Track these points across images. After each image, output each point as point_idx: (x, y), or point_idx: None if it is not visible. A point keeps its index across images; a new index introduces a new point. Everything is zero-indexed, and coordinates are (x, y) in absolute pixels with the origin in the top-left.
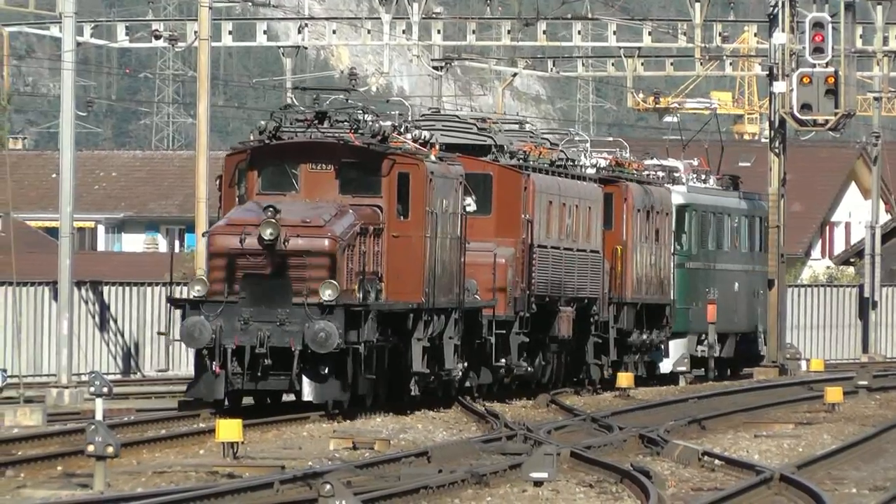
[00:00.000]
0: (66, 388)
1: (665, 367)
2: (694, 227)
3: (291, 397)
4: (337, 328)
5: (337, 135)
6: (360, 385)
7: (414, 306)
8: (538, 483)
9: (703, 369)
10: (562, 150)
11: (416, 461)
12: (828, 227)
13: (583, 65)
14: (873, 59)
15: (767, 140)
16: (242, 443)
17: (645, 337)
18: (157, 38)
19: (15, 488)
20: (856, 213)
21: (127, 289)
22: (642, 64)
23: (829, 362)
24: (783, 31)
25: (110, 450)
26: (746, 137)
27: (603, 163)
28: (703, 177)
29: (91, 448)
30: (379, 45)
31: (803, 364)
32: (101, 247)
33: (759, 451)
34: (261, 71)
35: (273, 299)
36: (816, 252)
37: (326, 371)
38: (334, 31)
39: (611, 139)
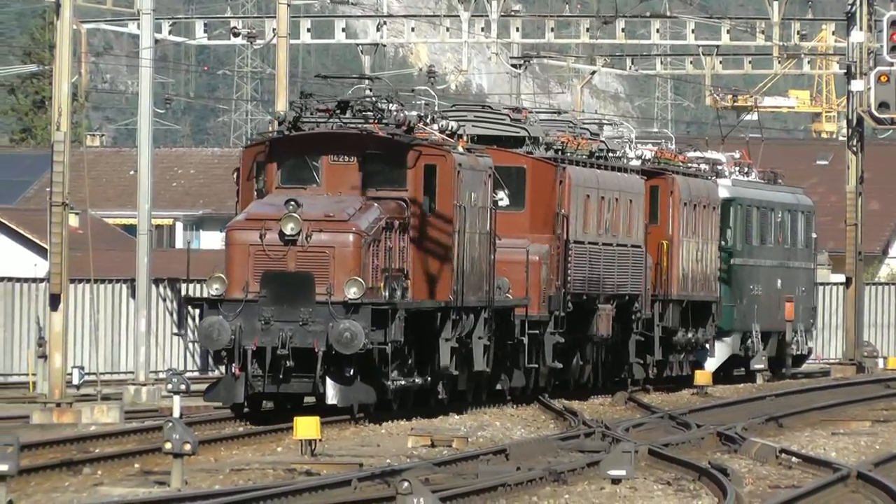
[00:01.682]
0: (144, 385)
1: (710, 366)
2: (739, 221)
3: (313, 400)
4: (363, 328)
5: (360, 125)
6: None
7: (442, 305)
8: (616, 481)
9: (742, 369)
10: (602, 141)
11: (495, 459)
12: None
13: (661, 63)
14: None
15: (845, 138)
16: (320, 440)
17: (690, 336)
18: (236, 35)
19: (92, 486)
20: None
21: (205, 286)
22: (720, 62)
23: None
24: (861, 29)
25: (188, 447)
26: (824, 135)
27: (648, 154)
28: (746, 170)
29: (168, 445)
30: (458, 42)
31: (880, 362)
32: (178, 244)
33: (836, 448)
34: (339, 68)
35: (295, 298)
36: (893, 250)
37: (352, 373)
38: (413, 29)
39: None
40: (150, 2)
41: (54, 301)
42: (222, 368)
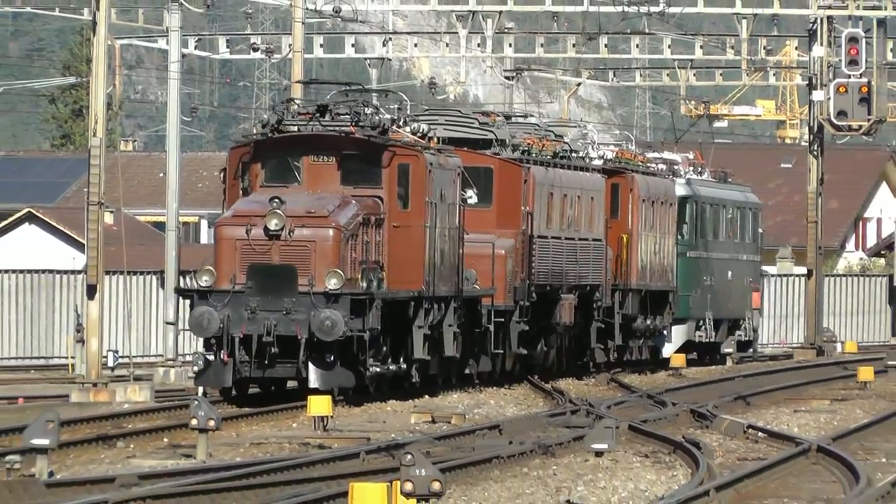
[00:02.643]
0: (172, 367)
1: (667, 351)
2: (694, 217)
3: (296, 384)
4: (343, 316)
5: (338, 127)
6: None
7: (415, 294)
8: (599, 453)
9: (694, 353)
10: (566, 143)
11: (489, 434)
12: (861, 223)
13: (640, 75)
14: None
15: (807, 143)
16: (331, 417)
17: (649, 322)
18: (255, 50)
19: (125, 458)
20: (886, 210)
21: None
22: (694, 74)
23: (862, 345)
24: (821, 45)
25: (212, 423)
26: (788, 141)
27: (609, 154)
28: (699, 170)
29: (194, 422)
30: (456, 57)
31: (838, 346)
32: (203, 240)
33: (799, 424)
34: (349, 80)
35: (279, 288)
36: (850, 245)
37: (332, 359)
38: (416, 45)
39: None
40: (177, 20)
41: (91, 291)
42: (210, 355)
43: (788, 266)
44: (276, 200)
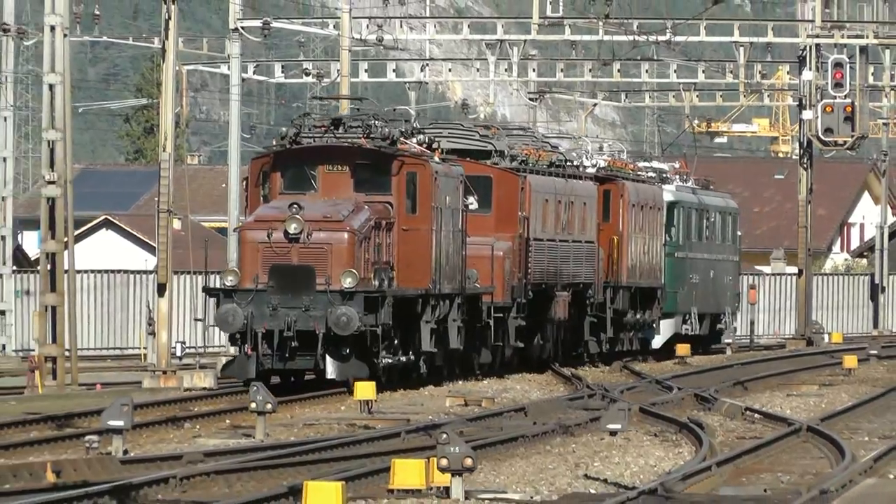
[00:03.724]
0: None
1: (656, 343)
2: (681, 221)
3: (313, 375)
4: (357, 312)
5: (350, 139)
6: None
7: (422, 292)
8: (613, 433)
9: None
10: (560, 153)
11: (516, 415)
12: (846, 227)
13: (649, 97)
14: (882, 92)
15: (798, 157)
16: (375, 401)
17: (639, 316)
18: (307, 74)
19: (192, 438)
20: (868, 216)
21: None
22: (697, 96)
23: (847, 336)
24: (810, 69)
25: (269, 406)
26: (781, 155)
27: (602, 163)
28: (685, 177)
29: (253, 405)
30: (486, 80)
31: (826, 337)
32: None
33: (791, 407)
34: (390, 102)
35: (298, 287)
36: (836, 247)
37: (348, 351)
38: (450, 70)
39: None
40: (237, 48)
41: (161, 289)
42: (235, 349)
43: (781, 266)
44: (295, 206)
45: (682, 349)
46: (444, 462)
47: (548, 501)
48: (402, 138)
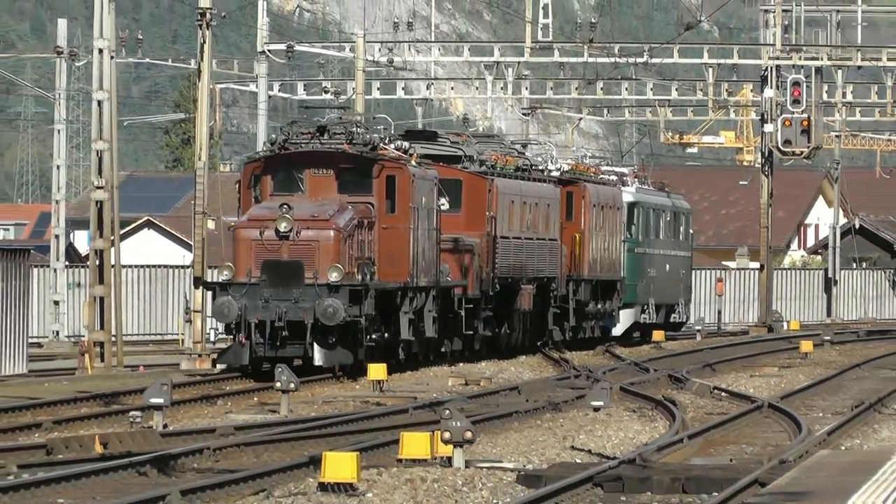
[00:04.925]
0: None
1: (617, 331)
2: (641, 220)
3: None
4: (342, 304)
5: (335, 145)
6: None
7: (401, 285)
8: (597, 409)
9: (638, 333)
10: (526, 158)
11: (510, 394)
12: (802, 228)
13: (629, 112)
14: (835, 108)
15: (760, 165)
16: (386, 381)
17: (600, 307)
18: (326, 92)
19: (224, 413)
20: (822, 218)
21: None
22: (671, 111)
23: (803, 323)
24: (771, 88)
25: (292, 386)
26: (745, 164)
27: (566, 167)
28: (642, 180)
29: (279, 384)
30: (484, 97)
31: (785, 325)
32: None
33: (754, 386)
34: (399, 116)
35: (288, 281)
36: (794, 245)
37: (334, 340)
38: (452, 88)
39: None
40: (265, 69)
41: (196, 282)
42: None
43: (745, 262)
44: (285, 206)
45: (658, 335)
46: (446, 435)
47: (539, 470)
48: (381, 144)
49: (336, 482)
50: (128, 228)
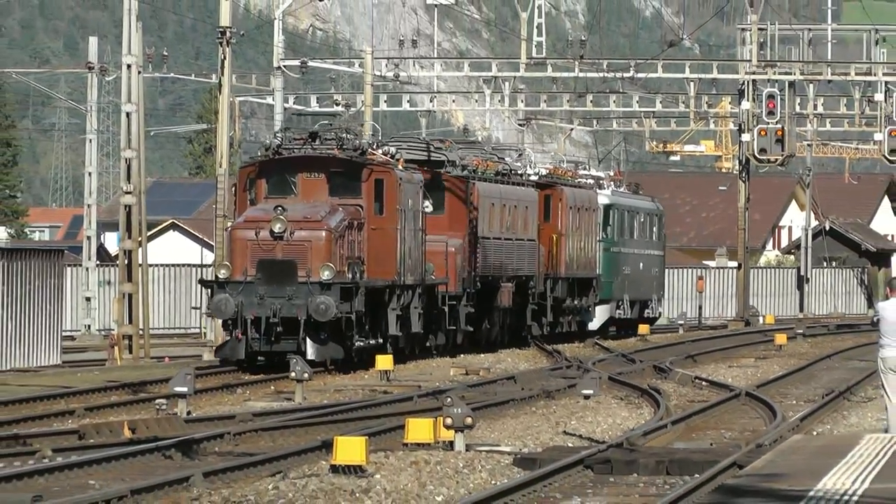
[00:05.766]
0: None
1: (593, 325)
2: (616, 221)
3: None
4: (334, 301)
5: (326, 150)
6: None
7: (389, 283)
8: (587, 397)
9: (614, 328)
10: (506, 163)
11: (507, 383)
12: (777, 229)
13: (616, 122)
14: (807, 119)
15: (738, 172)
16: (392, 371)
17: (576, 303)
18: (337, 104)
19: (243, 401)
20: (795, 220)
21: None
22: (655, 122)
23: (778, 318)
24: (748, 100)
25: (306, 375)
26: (724, 170)
27: (544, 171)
28: (618, 184)
29: (293, 374)
30: (483, 109)
31: (761, 319)
32: None
33: (732, 376)
34: (405, 127)
35: (282, 279)
36: (769, 245)
37: (326, 336)
38: (453, 101)
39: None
40: (280, 83)
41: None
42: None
43: (724, 261)
44: (280, 208)
45: (643, 328)
46: (448, 421)
47: (533, 453)
48: (369, 149)
49: (346, 464)
50: (154, 230)
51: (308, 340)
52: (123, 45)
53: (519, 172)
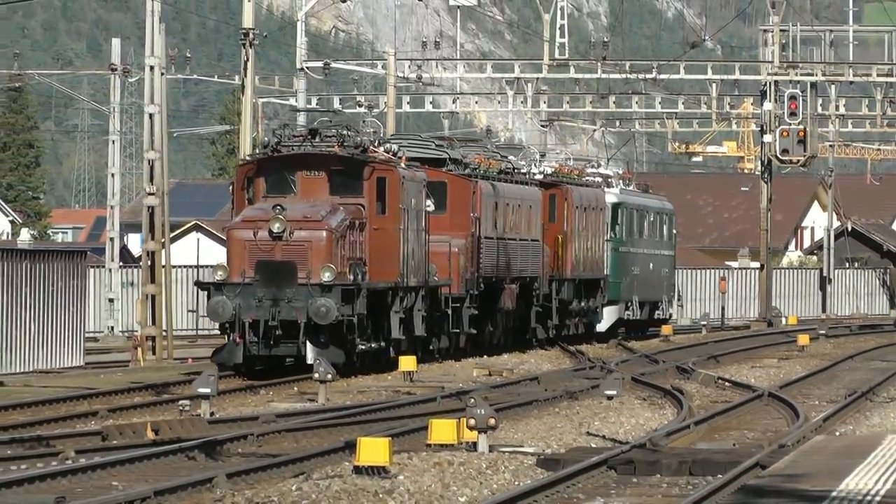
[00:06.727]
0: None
1: (601, 327)
2: (625, 220)
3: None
4: (335, 303)
5: (326, 147)
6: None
7: (392, 285)
8: (610, 397)
9: (623, 329)
10: (509, 162)
11: (530, 384)
12: (799, 230)
13: (639, 124)
14: (829, 120)
15: (760, 173)
16: (416, 371)
17: (583, 304)
18: (360, 106)
19: (266, 402)
20: (818, 221)
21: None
22: (678, 123)
23: (800, 319)
24: (770, 101)
25: (329, 376)
26: (746, 171)
27: (549, 170)
28: (627, 182)
29: (317, 375)
30: (506, 110)
31: (783, 320)
32: None
33: (754, 376)
34: (428, 128)
35: (281, 281)
36: (792, 246)
37: (326, 339)
38: (476, 102)
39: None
40: (303, 84)
41: None
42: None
43: (747, 262)
44: (278, 207)
45: (667, 329)
46: (472, 422)
47: (557, 454)
48: (371, 146)
49: (370, 465)
50: (177, 232)
51: (308, 344)
52: (146, 46)
53: (523, 171)
